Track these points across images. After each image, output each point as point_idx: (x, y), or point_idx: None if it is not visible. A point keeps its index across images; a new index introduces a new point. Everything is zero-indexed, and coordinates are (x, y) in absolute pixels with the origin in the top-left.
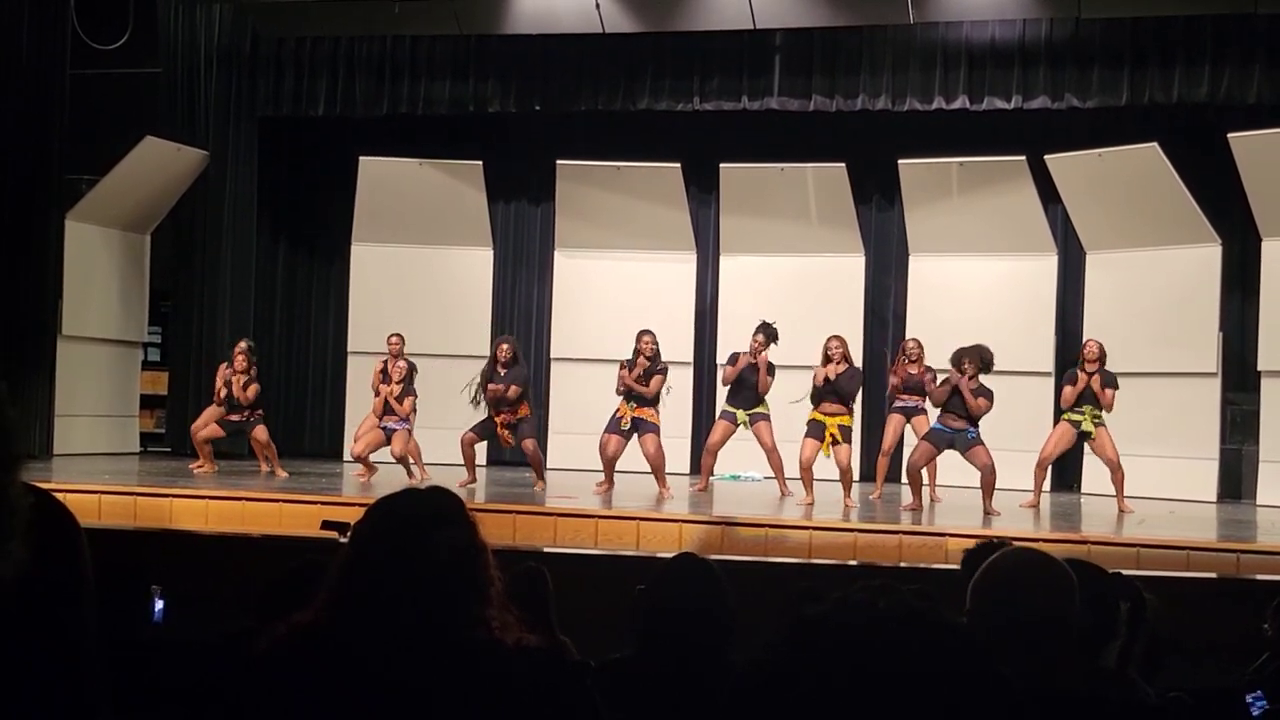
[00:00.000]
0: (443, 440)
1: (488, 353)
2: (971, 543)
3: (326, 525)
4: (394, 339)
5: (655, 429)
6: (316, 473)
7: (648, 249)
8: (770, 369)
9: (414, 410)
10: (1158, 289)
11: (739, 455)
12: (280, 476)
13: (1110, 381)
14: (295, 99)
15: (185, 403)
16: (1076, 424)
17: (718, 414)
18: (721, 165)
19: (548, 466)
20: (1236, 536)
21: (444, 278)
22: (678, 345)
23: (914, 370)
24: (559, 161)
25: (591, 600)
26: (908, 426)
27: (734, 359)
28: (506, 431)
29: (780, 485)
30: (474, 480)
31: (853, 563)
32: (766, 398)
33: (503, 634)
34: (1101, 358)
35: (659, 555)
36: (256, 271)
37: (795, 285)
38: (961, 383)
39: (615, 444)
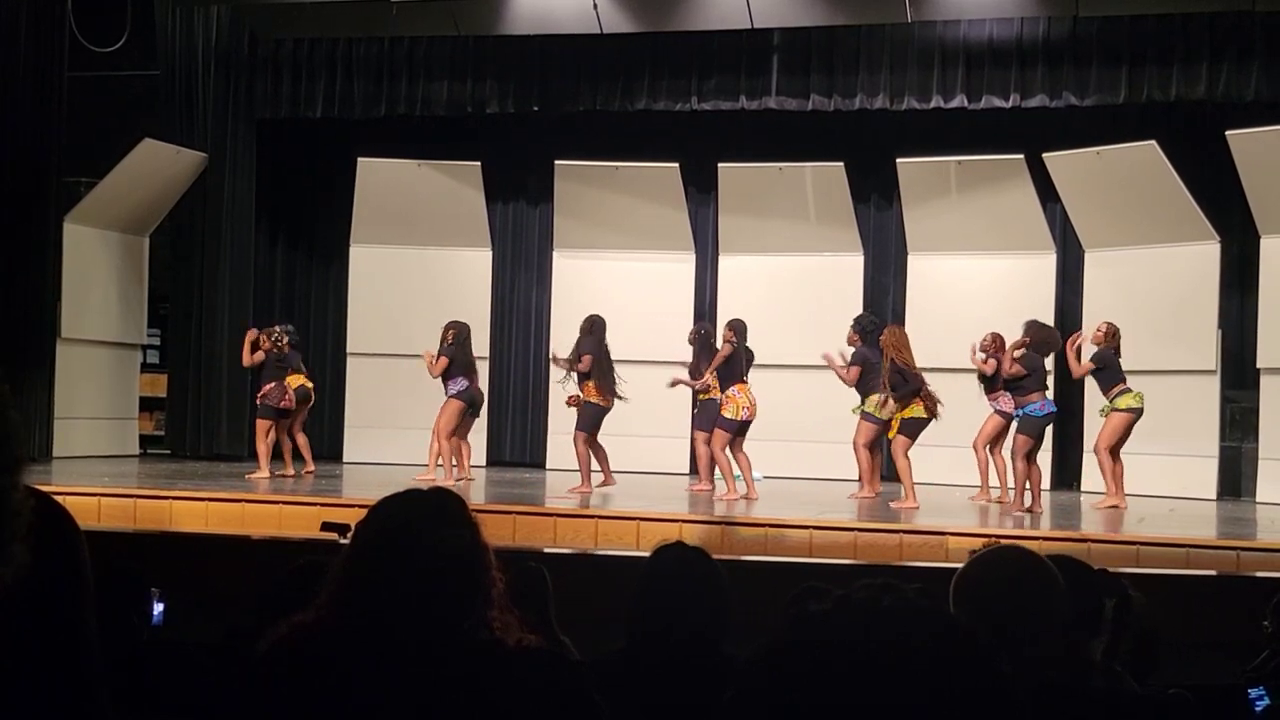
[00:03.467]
0: None
1: (488, 354)
2: (971, 542)
3: (327, 526)
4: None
5: (721, 422)
6: (316, 474)
7: (646, 249)
8: (855, 361)
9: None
10: (1156, 287)
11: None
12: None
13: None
14: (293, 101)
15: (184, 405)
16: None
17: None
18: (720, 165)
19: (547, 467)
20: (1236, 534)
21: (443, 279)
22: (677, 345)
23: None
24: (557, 162)
25: (591, 600)
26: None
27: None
28: (576, 408)
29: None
30: (588, 488)
31: (853, 562)
32: (869, 397)
33: (504, 634)
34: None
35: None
36: (255, 273)
37: (794, 285)
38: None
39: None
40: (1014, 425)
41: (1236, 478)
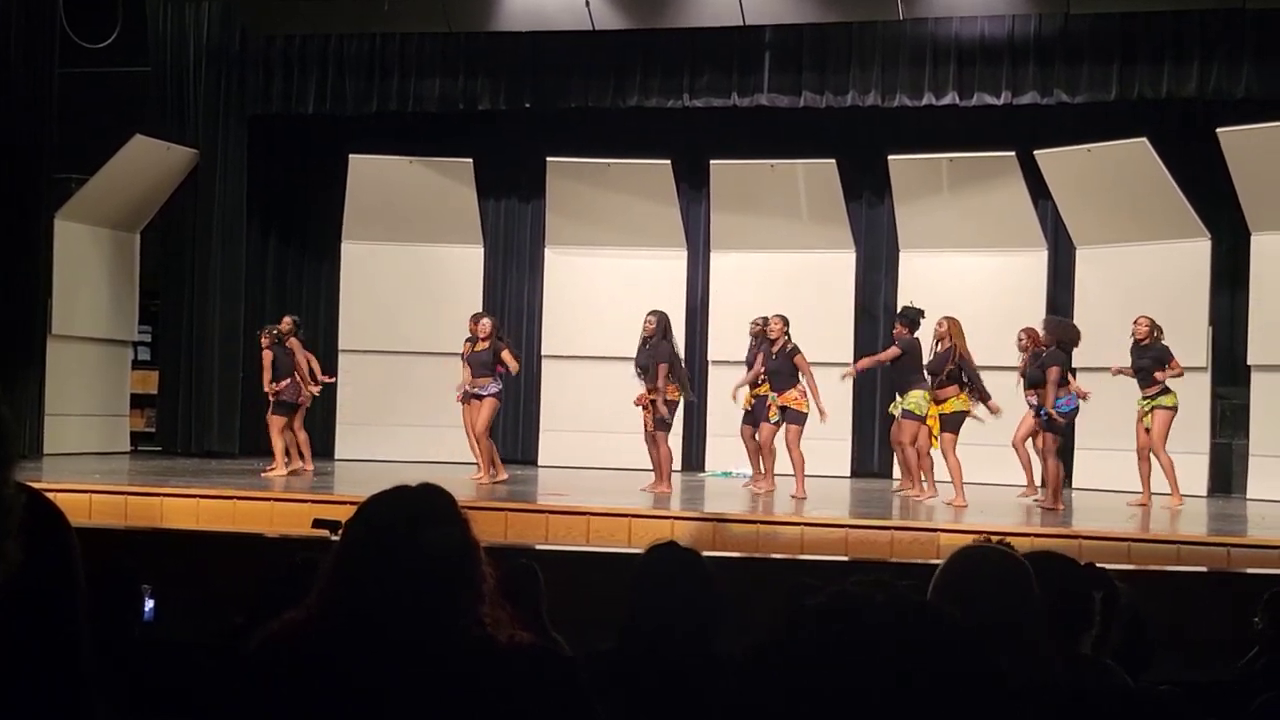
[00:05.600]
0: (435, 439)
1: None
2: (962, 539)
3: (318, 524)
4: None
5: (792, 415)
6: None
7: (638, 246)
8: (896, 344)
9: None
10: (1147, 284)
11: (733, 452)
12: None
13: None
14: (285, 97)
15: (175, 402)
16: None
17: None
18: (712, 162)
19: (538, 464)
20: (1227, 530)
21: (435, 275)
22: None
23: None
24: (549, 158)
25: (583, 597)
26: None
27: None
28: (647, 414)
29: (913, 483)
30: (667, 488)
31: (845, 558)
32: (909, 394)
33: (495, 631)
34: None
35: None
36: (246, 270)
37: (786, 282)
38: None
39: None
40: (1040, 422)
41: (1227, 474)
